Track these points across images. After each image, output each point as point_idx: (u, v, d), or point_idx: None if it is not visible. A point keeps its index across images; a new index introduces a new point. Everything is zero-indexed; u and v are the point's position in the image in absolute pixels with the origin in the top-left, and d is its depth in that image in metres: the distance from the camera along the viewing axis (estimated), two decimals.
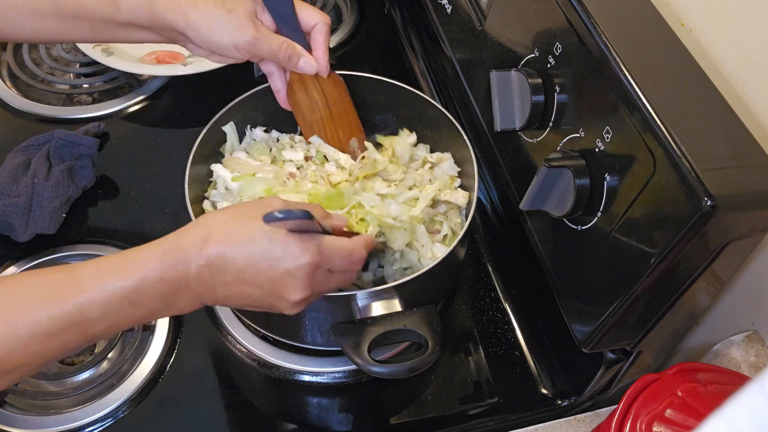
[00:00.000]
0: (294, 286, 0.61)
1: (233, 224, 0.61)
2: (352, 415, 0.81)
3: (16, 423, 0.74)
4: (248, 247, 0.59)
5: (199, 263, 0.59)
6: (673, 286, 0.63)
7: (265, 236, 0.59)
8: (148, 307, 0.59)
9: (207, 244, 0.59)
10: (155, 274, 0.58)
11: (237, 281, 0.60)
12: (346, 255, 0.64)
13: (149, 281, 0.57)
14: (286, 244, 0.59)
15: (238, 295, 0.62)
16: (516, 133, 0.77)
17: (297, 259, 0.60)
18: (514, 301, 0.90)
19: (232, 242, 0.60)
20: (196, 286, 0.60)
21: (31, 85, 1.07)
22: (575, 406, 0.81)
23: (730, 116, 0.60)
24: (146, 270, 0.57)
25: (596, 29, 0.64)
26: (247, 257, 0.59)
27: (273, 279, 0.60)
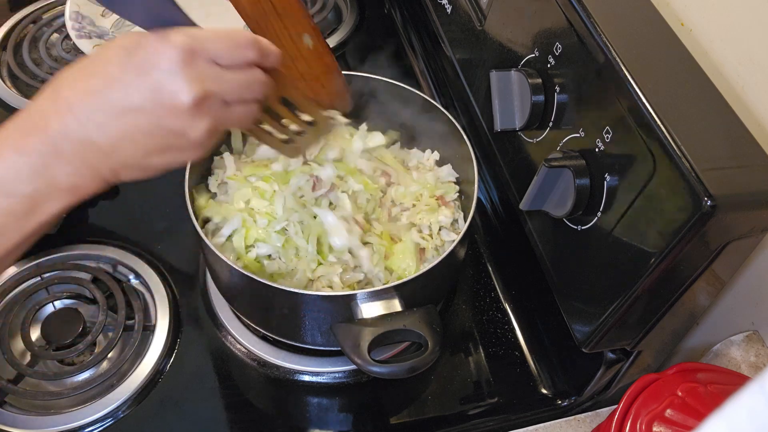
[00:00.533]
0: (175, 81, 0.51)
1: (82, 64, 0.53)
2: (352, 415, 0.81)
3: (16, 423, 0.74)
4: (107, 69, 0.51)
5: (58, 111, 0.51)
6: (673, 286, 0.63)
7: (119, 50, 0.51)
8: (23, 194, 0.51)
9: (59, 92, 0.51)
10: (11, 148, 0.50)
11: (112, 115, 0.51)
12: (223, 36, 0.54)
13: (9, 159, 0.50)
14: (143, 43, 0.51)
15: (125, 135, 0.52)
16: (516, 133, 0.77)
17: (160, 49, 0.50)
18: (514, 301, 0.90)
19: (87, 76, 0.52)
20: (67, 145, 0.51)
21: (31, 85, 1.07)
22: (575, 406, 0.81)
23: (730, 116, 0.60)
24: (1, 148, 0.50)
25: (596, 29, 0.64)
26: (109, 79, 0.51)
27: (149, 88, 0.51)
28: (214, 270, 0.80)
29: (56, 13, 1.18)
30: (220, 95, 0.54)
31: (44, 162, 0.51)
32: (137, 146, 0.53)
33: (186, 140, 0.54)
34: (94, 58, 0.53)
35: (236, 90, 0.55)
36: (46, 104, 0.52)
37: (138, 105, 0.51)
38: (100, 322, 0.81)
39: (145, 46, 0.51)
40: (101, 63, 0.52)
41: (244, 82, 0.56)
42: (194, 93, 0.51)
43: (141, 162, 0.54)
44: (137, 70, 0.51)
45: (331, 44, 1.13)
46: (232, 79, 0.54)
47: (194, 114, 0.52)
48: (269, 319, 0.80)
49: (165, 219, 0.93)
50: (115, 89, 0.51)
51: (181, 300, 0.86)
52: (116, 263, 0.88)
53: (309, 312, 0.74)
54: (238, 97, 0.56)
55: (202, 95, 0.52)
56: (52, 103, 0.52)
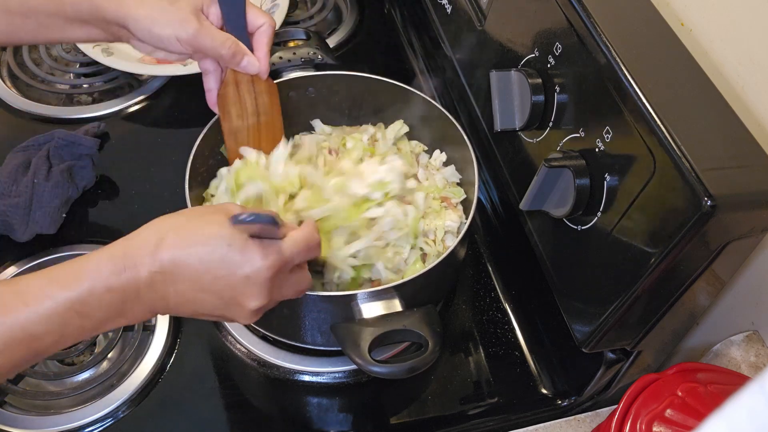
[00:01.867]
0: (253, 293, 0.59)
1: (189, 228, 0.58)
2: (352, 415, 0.81)
3: (16, 423, 0.74)
4: (205, 251, 0.57)
5: (151, 269, 0.56)
6: (673, 286, 0.63)
7: (223, 241, 0.57)
8: (96, 318, 0.56)
9: (160, 249, 0.56)
10: (102, 283, 0.54)
11: (192, 288, 0.58)
12: (303, 245, 0.61)
13: (96, 291, 0.54)
14: (245, 249, 0.57)
15: (192, 303, 0.59)
16: (516, 133, 0.77)
17: (256, 264, 0.57)
18: (514, 301, 0.90)
19: (188, 247, 0.57)
20: (148, 293, 0.57)
21: (31, 85, 1.07)
22: (575, 406, 0.81)
23: (730, 116, 0.60)
24: (92, 279, 0.54)
25: (596, 29, 0.64)
26: (204, 262, 0.57)
27: (231, 285, 0.58)
28: None
29: None
30: (279, 300, 0.63)
31: (124, 300, 0.56)
32: (198, 313, 0.61)
33: (235, 321, 0.63)
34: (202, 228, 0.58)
35: (293, 291, 0.65)
36: (144, 252, 0.56)
37: (215, 292, 0.58)
38: None
39: (245, 251, 0.57)
40: (205, 239, 0.57)
41: (299, 285, 0.65)
42: (260, 303, 0.60)
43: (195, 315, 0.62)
44: (231, 267, 0.57)
45: (331, 44, 1.13)
46: (291, 288, 0.64)
47: (251, 315, 0.61)
48: (269, 319, 0.80)
49: None
50: (205, 272, 0.57)
51: None
52: None
53: (309, 312, 0.74)
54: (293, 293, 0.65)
55: (266, 305, 0.61)
56: (149, 254, 0.56)
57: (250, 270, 0.57)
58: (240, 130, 0.82)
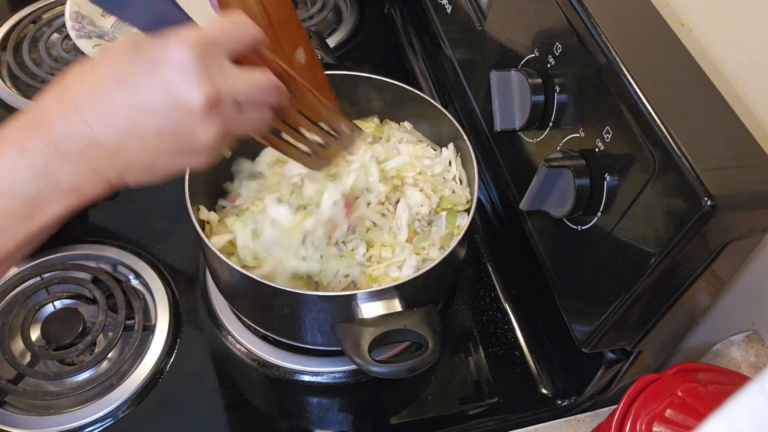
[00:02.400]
0: (186, 80, 0.48)
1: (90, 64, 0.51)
2: (352, 415, 0.81)
3: (16, 423, 0.74)
4: (115, 67, 0.49)
5: (63, 111, 0.49)
6: (673, 286, 0.63)
7: (128, 48, 0.49)
8: (24, 195, 0.49)
9: (66, 92, 0.50)
10: (12, 146, 0.48)
11: (116, 111, 0.49)
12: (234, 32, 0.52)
13: (9, 159, 0.48)
14: (154, 41, 0.49)
15: (129, 130, 0.49)
16: (516, 133, 0.77)
17: (171, 45, 0.48)
18: (514, 301, 0.90)
19: (94, 75, 0.50)
20: (70, 145, 0.49)
21: (31, 85, 1.07)
22: (575, 406, 0.81)
23: (730, 116, 0.60)
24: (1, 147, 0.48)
25: (596, 29, 0.64)
26: (118, 77, 0.49)
27: (157, 86, 0.49)
28: (214, 270, 0.80)
29: (56, 13, 1.18)
30: (233, 96, 0.51)
31: (46, 162, 0.48)
32: (144, 147, 0.51)
33: (195, 143, 0.51)
34: (102, 57, 0.51)
35: (250, 92, 0.53)
36: (51, 103, 0.50)
37: (147, 104, 0.49)
38: (100, 322, 0.81)
39: (155, 43, 0.49)
40: (109, 61, 0.50)
41: (258, 83, 0.53)
42: (206, 93, 0.49)
43: (147, 164, 0.52)
44: (147, 67, 0.49)
45: (331, 44, 1.13)
46: (245, 80, 0.52)
47: (205, 115, 0.50)
48: (269, 319, 0.80)
49: (165, 219, 0.93)
50: (124, 88, 0.49)
51: (181, 300, 0.86)
52: (116, 263, 0.88)
53: (309, 312, 0.74)
54: (251, 99, 0.53)
55: (215, 96, 0.50)
56: (57, 102, 0.50)
57: (166, 55, 0.48)
58: None
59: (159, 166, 0.53)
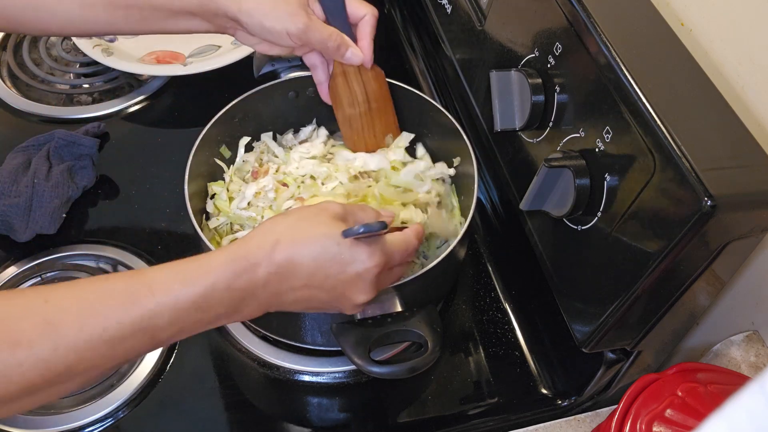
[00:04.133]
0: (362, 288, 0.63)
1: (301, 229, 0.61)
2: (352, 415, 0.81)
3: (16, 423, 0.74)
4: (317, 251, 0.60)
5: (268, 270, 0.59)
6: (673, 286, 0.63)
7: (333, 241, 0.61)
8: (214, 313, 0.58)
9: (275, 251, 0.59)
10: (224, 282, 0.58)
11: (305, 286, 0.61)
12: (404, 249, 0.66)
13: (218, 288, 0.57)
14: (354, 249, 0.61)
15: (305, 300, 0.63)
16: (516, 133, 0.77)
17: (366, 263, 0.61)
18: (514, 301, 0.90)
19: (301, 246, 0.60)
20: (263, 292, 0.60)
21: (31, 85, 1.07)
22: (575, 406, 0.81)
23: (730, 116, 0.60)
24: (215, 277, 0.57)
25: (596, 29, 0.64)
26: (316, 261, 0.60)
27: (342, 282, 0.62)
28: None
29: None
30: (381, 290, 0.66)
31: (243, 297, 0.59)
32: (308, 308, 0.66)
33: (340, 312, 0.66)
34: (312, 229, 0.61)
35: (394, 279, 0.68)
36: (261, 253, 0.59)
37: (327, 289, 0.62)
38: None
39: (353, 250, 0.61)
40: (316, 240, 0.61)
41: (399, 275, 0.69)
42: (367, 297, 0.63)
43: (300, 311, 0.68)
44: (341, 265, 0.61)
45: None
46: (393, 276, 0.68)
47: (358, 307, 0.65)
48: (269, 319, 0.80)
49: (165, 219, 0.93)
50: (317, 270, 0.61)
51: None
52: (116, 263, 0.88)
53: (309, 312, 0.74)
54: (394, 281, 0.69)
55: (372, 298, 0.64)
56: (266, 256, 0.59)
57: (359, 268, 0.61)
58: (353, 118, 0.86)
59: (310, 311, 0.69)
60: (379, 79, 0.85)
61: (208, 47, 1.10)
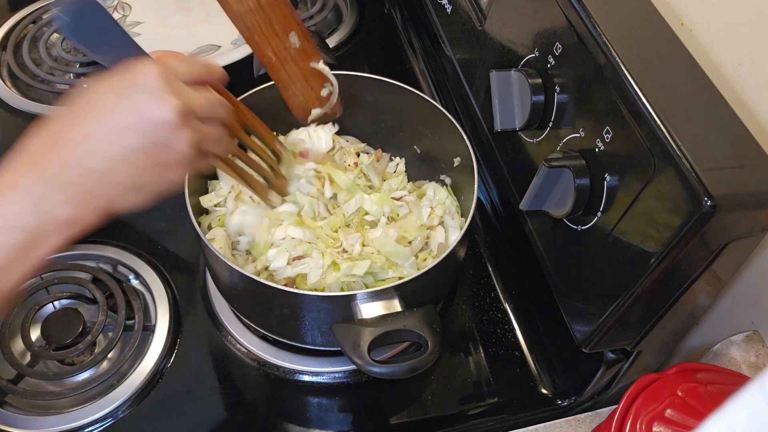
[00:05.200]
0: (157, 100, 0.54)
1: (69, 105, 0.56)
2: (352, 415, 0.81)
3: (16, 423, 0.74)
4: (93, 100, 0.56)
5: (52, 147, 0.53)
6: (673, 286, 0.63)
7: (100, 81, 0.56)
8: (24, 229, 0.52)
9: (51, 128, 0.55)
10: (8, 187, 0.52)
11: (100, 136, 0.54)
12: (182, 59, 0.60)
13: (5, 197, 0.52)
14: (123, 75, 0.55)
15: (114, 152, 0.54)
16: (516, 133, 0.77)
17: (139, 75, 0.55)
18: (514, 301, 0.90)
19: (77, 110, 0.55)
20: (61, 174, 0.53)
21: (31, 85, 1.07)
22: (575, 406, 0.81)
23: (730, 116, 0.60)
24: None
25: (596, 29, 0.64)
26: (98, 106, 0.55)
27: (134, 108, 0.54)
28: (214, 270, 0.80)
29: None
30: (194, 109, 0.58)
31: (41, 195, 0.53)
32: (129, 165, 0.55)
33: (174, 153, 0.56)
34: (78, 94, 0.56)
35: (205, 106, 0.60)
36: (38, 141, 0.54)
37: (125, 124, 0.55)
38: (100, 322, 0.81)
39: (122, 72, 0.56)
40: (85, 95, 0.56)
41: (208, 99, 0.61)
42: (174, 105, 0.55)
43: (134, 183, 0.57)
44: (119, 93, 0.55)
45: (331, 44, 1.13)
46: (199, 96, 0.59)
47: (177, 126, 0.55)
48: (269, 319, 0.80)
49: (165, 219, 0.93)
50: (102, 114, 0.55)
51: (181, 300, 0.86)
52: (116, 263, 0.88)
53: (309, 312, 0.74)
54: (207, 113, 0.60)
55: (181, 108, 0.55)
56: (44, 139, 0.54)
57: (135, 80, 0.55)
58: (244, 15, 0.76)
59: (145, 183, 0.58)
60: None
61: (208, 47, 1.10)
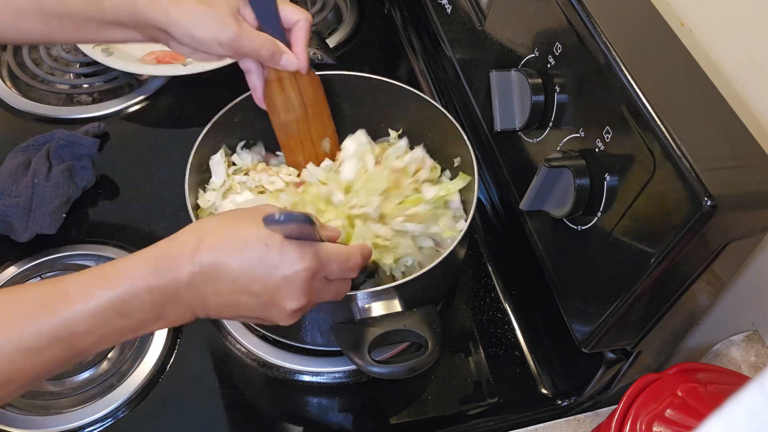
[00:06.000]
0: (291, 293, 0.59)
1: (228, 229, 0.59)
2: (352, 415, 0.81)
3: (16, 423, 0.74)
4: (243, 252, 0.58)
5: (191, 270, 0.56)
6: (673, 286, 0.63)
7: (261, 242, 0.58)
8: (136, 319, 0.56)
9: (199, 250, 0.57)
10: (143, 283, 0.55)
11: (231, 290, 0.58)
12: (343, 261, 0.63)
13: (137, 291, 0.55)
14: (283, 250, 0.58)
15: (232, 305, 0.60)
16: (516, 133, 0.77)
17: (294, 265, 0.58)
18: (514, 301, 0.90)
19: (227, 248, 0.58)
20: (188, 295, 0.57)
21: (31, 85, 1.07)
22: (575, 406, 0.81)
23: (730, 116, 0.60)
24: (134, 279, 0.55)
25: (596, 29, 0.64)
26: (243, 264, 0.58)
27: (269, 287, 0.58)
28: None
29: None
30: (318, 303, 0.63)
31: (164, 301, 0.57)
32: (237, 315, 0.62)
33: (274, 323, 0.62)
34: (240, 229, 0.59)
35: (332, 294, 0.65)
36: (184, 252, 0.57)
37: (254, 293, 0.59)
38: None
39: (285, 251, 0.58)
40: (243, 241, 0.58)
41: (338, 290, 0.65)
42: (298, 304, 0.60)
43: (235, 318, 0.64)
44: (269, 268, 0.58)
45: (331, 44, 1.14)
46: (329, 294, 0.64)
47: (290, 316, 0.61)
48: None
49: (165, 219, 0.93)
50: (243, 273, 0.58)
51: None
52: None
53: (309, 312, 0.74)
54: (332, 296, 0.65)
55: (304, 306, 0.61)
56: (189, 256, 0.57)
57: (288, 271, 0.58)
58: (289, 124, 0.85)
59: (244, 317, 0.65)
60: (315, 84, 0.84)
61: None
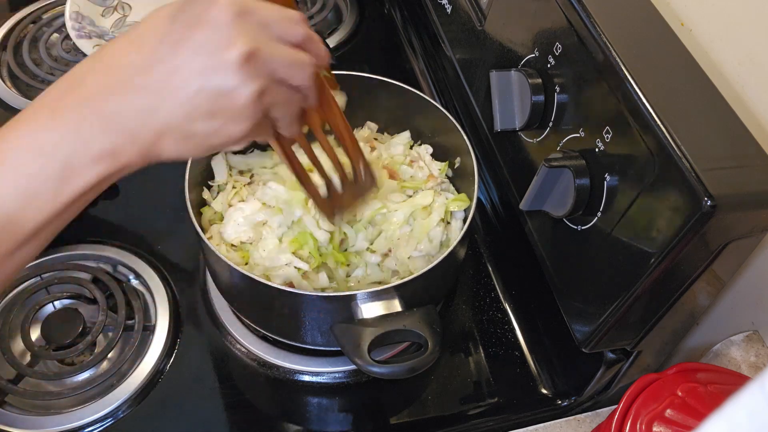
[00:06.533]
0: (224, 34, 0.47)
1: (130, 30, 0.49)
2: (352, 415, 0.81)
3: (16, 423, 0.74)
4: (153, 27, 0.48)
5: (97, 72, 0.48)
6: (673, 286, 0.63)
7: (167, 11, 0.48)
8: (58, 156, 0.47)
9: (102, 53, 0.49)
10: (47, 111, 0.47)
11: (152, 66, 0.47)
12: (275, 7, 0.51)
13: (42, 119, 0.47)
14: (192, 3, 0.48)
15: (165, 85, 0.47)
16: (516, 133, 0.77)
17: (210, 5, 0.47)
18: (514, 301, 0.90)
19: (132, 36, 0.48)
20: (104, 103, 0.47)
21: (31, 85, 1.07)
22: (575, 406, 0.81)
23: (730, 116, 0.60)
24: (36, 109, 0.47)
25: (596, 29, 0.64)
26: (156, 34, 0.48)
27: (195, 40, 0.47)
28: (214, 270, 0.80)
29: (56, 13, 1.17)
30: (269, 61, 0.49)
31: (78, 121, 0.47)
32: (181, 104, 0.48)
33: (233, 104, 0.48)
34: (141, 22, 0.49)
35: (285, 62, 0.50)
36: (86, 65, 0.48)
37: (184, 58, 0.47)
38: (100, 322, 0.81)
39: (195, 4, 0.47)
40: (152, 20, 0.48)
41: (293, 57, 0.51)
42: (244, 47, 0.47)
43: (185, 128, 0.49)
44: (188, 24, 0.47)
45: (331, 44, 1.14)
46: (281, 49, 0.50)
47: (243, 72, 0.47)
48: (269, 319, 0.80)
49: (165, 219, 0.93)
50: (162, 44, 0.47)
51: (181, 300, 0.86)
52: (116, 263, 0.88)
53: (309, 312, 0.74)
54: (286, 72, 0.50)
55: (252, 51, 0.47)
56: (92, 63, 0.48)
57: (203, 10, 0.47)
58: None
59: (197, 131, 0.49)
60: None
61: None
